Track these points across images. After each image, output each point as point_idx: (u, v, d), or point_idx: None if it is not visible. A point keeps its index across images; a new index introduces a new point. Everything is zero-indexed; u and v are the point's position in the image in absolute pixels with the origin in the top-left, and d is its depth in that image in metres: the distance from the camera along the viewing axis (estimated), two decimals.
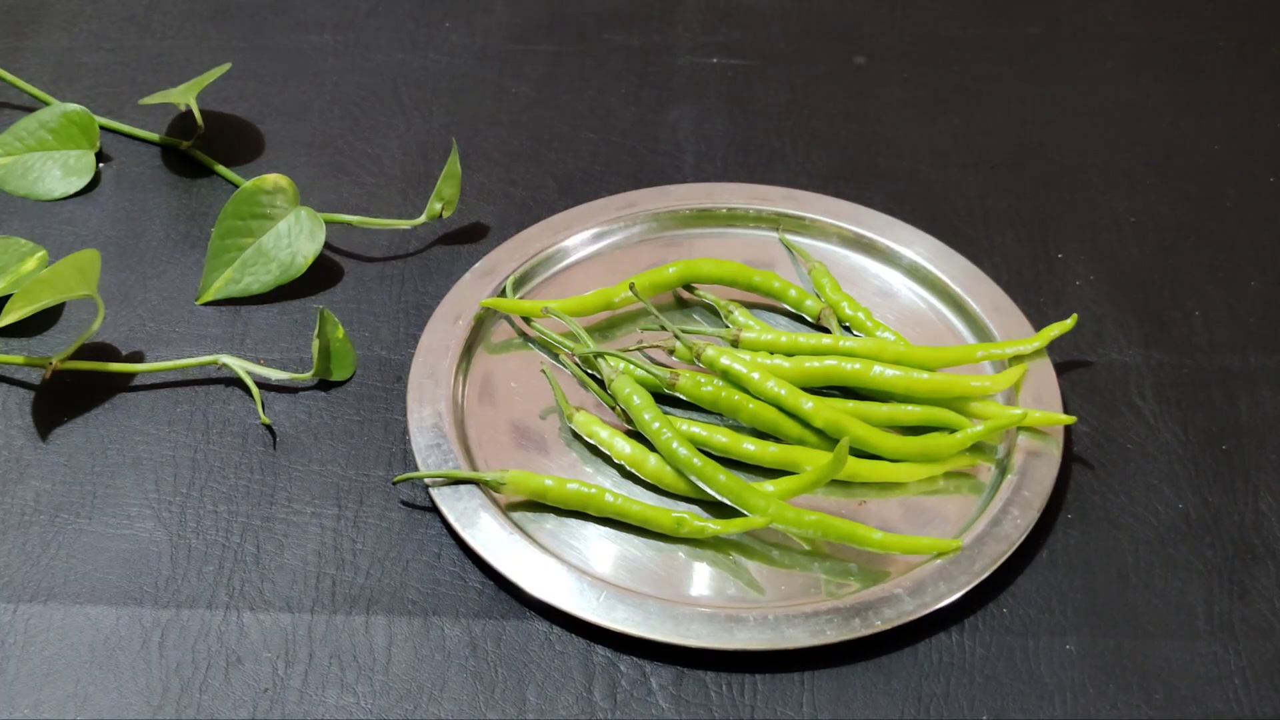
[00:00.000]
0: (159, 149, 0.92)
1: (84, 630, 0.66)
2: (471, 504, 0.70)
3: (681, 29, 1.00)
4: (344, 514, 0.71)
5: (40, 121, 0.89)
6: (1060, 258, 0.84)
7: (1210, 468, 0.73)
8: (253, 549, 0.69)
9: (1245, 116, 0.94)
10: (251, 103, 0.95)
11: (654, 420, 0.71)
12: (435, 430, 0.73)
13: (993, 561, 0.67)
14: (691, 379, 0.73)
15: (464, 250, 0.84)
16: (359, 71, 0.97)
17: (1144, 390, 0.76)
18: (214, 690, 0.64)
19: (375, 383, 0.77)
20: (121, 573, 0.68)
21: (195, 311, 0.81)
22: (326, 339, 0.76)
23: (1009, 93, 0.96)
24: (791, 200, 0.85)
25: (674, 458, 0.70)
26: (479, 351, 0.78)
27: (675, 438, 0.70)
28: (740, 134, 0.92)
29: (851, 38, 1.00)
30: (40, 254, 0.81)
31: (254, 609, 0.67)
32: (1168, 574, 0.68)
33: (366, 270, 0.83)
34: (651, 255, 0.83)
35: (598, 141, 0.92)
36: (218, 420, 0.75)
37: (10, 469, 0.73)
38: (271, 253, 0.82)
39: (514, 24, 1.01)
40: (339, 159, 0.91)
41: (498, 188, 0.89)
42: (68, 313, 0.81)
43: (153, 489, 0.72)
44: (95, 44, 0.99)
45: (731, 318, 0.78)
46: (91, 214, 0.87)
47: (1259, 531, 0.70)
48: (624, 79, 0.96)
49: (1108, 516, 0.71)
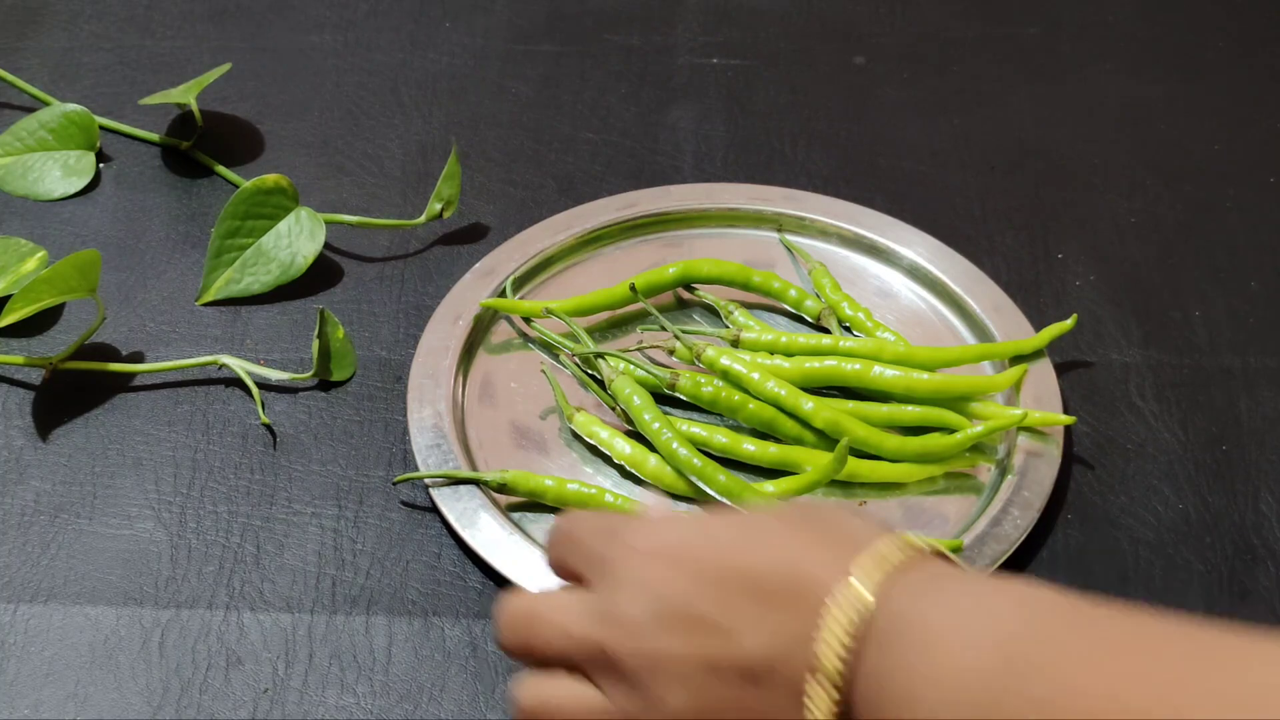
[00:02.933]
0: (159, 149, 0.92)
1: (84, 630, 0.66)
2: (471, 504, 0.69)
3: (681, 29, 1.00)
4: (344, 514, 0.71)
5: (40, 121, 0.89)
6: (1060, 258, 0.84)
7: (1210, 468, 0.73)
8: (253, 549, 0.69)
9: (1245, 116, 0.94)
10: (251, 103, 0.95)
11: (654, 420, 0.71)
12: (435, 430, 0.73)
13: (993, 562, 0.67)
14: (691, 379, 0.73)
15: (464, 250, 0.84)
16: (359, 71, 0.97)
17: (1144, 390, 0.76)
18: (214, 690, 0.64)
19: (375, 383, 0.77)
20: (121, 573, 0.68)
21: (195, 311, 0.81)
22: (326, 339, 0.76)
23: (1009, 93, 0.95)
24: (792, 200, 0.85)
25: (674, 458, 0.70)
26: (479, 352, 0.78)
27: (675, 438, 0.70)
28: (740, 134, 0.92)
29: (851, 38, 1.00)
30: (40, 254, 0.81)
31: (254, 609, 0.67)
32: (1168, 574, 0.68)
33: (366, 270, 0.83)
34: (651, 255, 0.83)
35: (598, 141, 0.92)
36: (218, 420, 0.75)
37: (10, 469, 0.73)
38: (271, 253, 0.82)
39: (514, 24, 1.01)
40: (339, 159, 0.91)
41: (498, 188, 0.89)
42: (68, 313, 0.81)
43: (153, 489, 0.72)
44: (95, 44, 0.99)
45: (731, 318, 0.78)
46: (91, 214, 0.87)
47: (1259, 532, 0.70)
48: (624, 79, 0.96)
49: (1108, 516, 0.71)
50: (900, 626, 0.46)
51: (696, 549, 0.50)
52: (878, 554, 0.48)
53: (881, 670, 0.46)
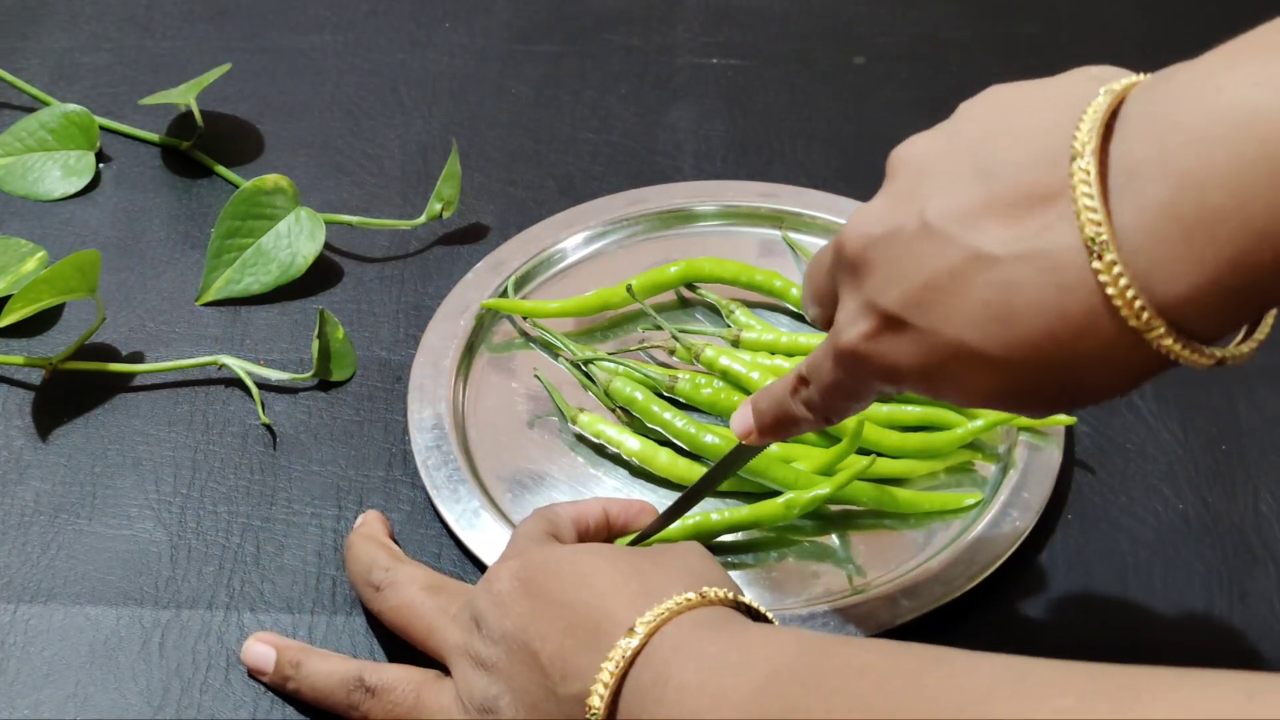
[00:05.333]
0: (159, 149, 0.92)
1: (84, 630, 0.66)
2: (471, 504, 0.69)
3: (681, 29, 1.00)
4: (344, 514, 0.71)
5: (40, 122, 0.89)
6: None
7: (1210, 468, 0.73)
8: (253, 549, 0.69)
9: None
10: (251, 103, 0.95)
11: (664, 411, 0.71)
12: (435, 430, 0.73)
13: (993, 562, 0.67)
14: (691, 381, 0.73)
15: (464, 250, 0.84)
16: (359, 71, 0.97)
17: (1144, 390, 0.76)
18: (214, 690, 0.64)
19: (375, 383, 0.77)
20: (121, 573, 0.68)
21: (195, 312, 0.81)
22: (326, 339, 0.76)
23: None
24: (795, 198, 0.85)
25: (696, 443, 0.70)
26: (480, 351, 0.78)
27: (691, 423, 0.70)
28: (740, 134, 0.92)
29: (851, 38, 1.00)
30: (40, 254, 0.81)
31: (254, 609, 0.67)
32: (1168, 574, 0.68)
33: (366, 270, 0.83)
34: (653, 254, 0.83)
35: (598, 141, 0.92)
36: (218, 420, 0.75)
37: (10, 469, 0.73)
38: (271, 253, 0.82)
39: (514, 24, 1.01)
40: (339, 159, 0.91)
41: (498, 188, 0.89)
42: (68, 313, 0.81)
43: (153, 489, 0.72)
44: (95, 44, 0.99)
45: (733, 317, 0.78)
46: (91, 214, 0.87)
47: (1259, 532, 0.70)
48: (624, 79, 0.96)
49: (1108, 517, 0.71)
50: (661, 680, 0.51)
51: (538, 580, 0.56)
52: (668, 604, 0.53)
53: (636, 713, 0.51)
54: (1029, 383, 0.48)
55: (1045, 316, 0.46)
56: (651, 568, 0.56)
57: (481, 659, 0.56)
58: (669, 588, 0.54)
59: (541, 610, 0.55)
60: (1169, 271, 0.44)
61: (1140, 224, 0.44)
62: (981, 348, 0.48)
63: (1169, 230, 0.44)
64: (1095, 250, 0.45)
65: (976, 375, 0.49)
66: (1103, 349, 0.46)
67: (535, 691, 0.54)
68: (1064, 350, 0.46)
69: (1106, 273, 0.45)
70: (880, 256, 0.50)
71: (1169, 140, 0.44)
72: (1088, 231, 0.45)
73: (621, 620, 0.53)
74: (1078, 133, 0.46)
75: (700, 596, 0.53)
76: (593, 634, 0.53)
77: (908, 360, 0.50)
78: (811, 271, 0.57)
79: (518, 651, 0.55)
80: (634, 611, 0.53)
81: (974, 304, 0.47)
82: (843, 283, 0.53)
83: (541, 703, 0.54)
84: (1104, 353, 0.46)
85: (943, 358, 0.49)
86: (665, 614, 0.52)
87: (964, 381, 0.49)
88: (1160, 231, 0.44)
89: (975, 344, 0.48)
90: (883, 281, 0.50)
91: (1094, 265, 0.45)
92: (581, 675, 0.53)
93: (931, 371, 0.50)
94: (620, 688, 0.52)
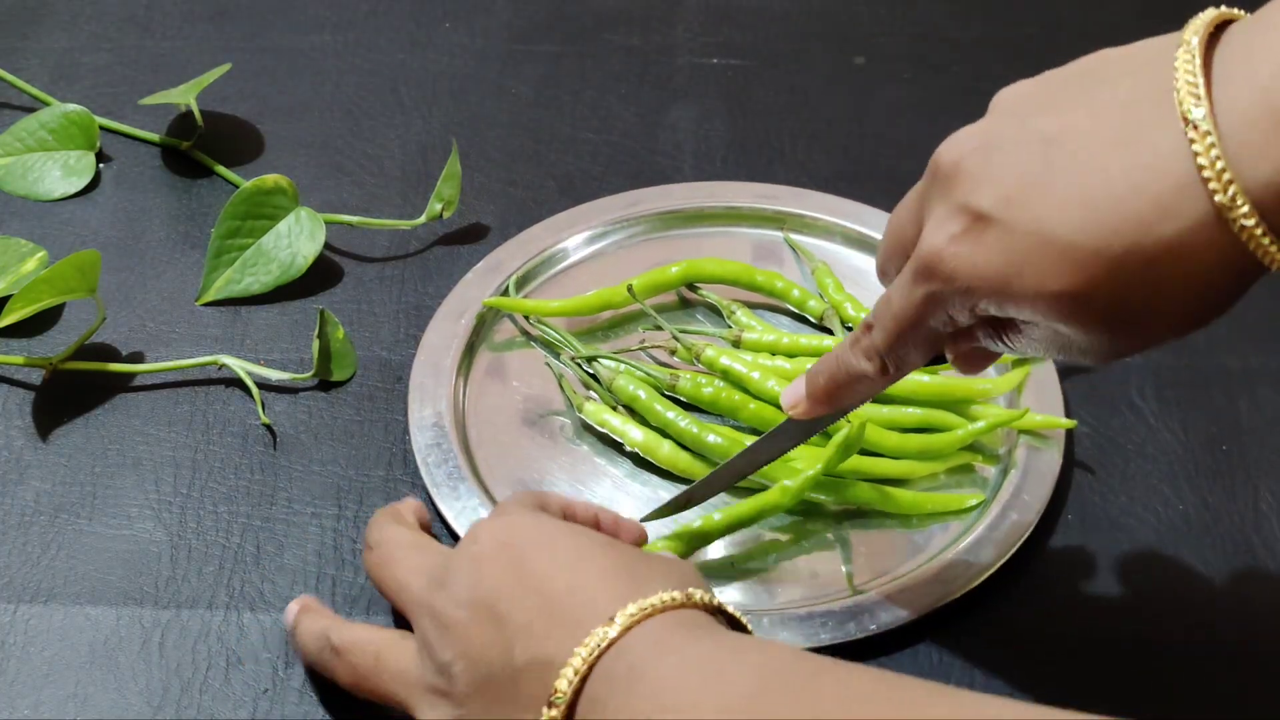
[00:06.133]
0: (159, 149, 0.92)
1: (84, 630, 0.66)
2: (471, 504, 0.69)
3: (681, 29, 1.00)
4: (344, 514, 0.71)
5: (40, 122, 0.89)
6: None
7: (1210, 468, 0.73)
8: (253, 549, 0.69)
9: None
10: (251, 103, 0.95)
11: (666, 409, 0.71)
12: (436, 430, 0.73)
13: (993, 563, 0.67)
14: (692, 380, 0.73)
15: (464, 250, 0.84)
16: (359, 71, 0.97)
17: (1144, 390, 0.76)
18: (214, 690, 0.64)
19: (375, 383, 0.77)
20: (121, 573, 0.68)
21: (195, 312, 0.81)
22: (327, 339, 0.76)
23: None
24: (796, 199, 0.85)
25: (698, 442, 0.70)
26: (481, 351, 0.78)
27: (694, 422, 0.71)
28: (740, 134, 0.92)
29: (851, 38, 1.00)
30: (40, 254, 0.81)
31: (254, 609, 0.67)
32: (1168, 574, 0.68)
33: (366, 270, 0.83)
34: (654, 254, 0.83)
35: (598, 141, 0.92)
36: (218, 420, 0.75)
37: (10, 469, 0.73)
38: (271, 253, 0.82)
39: (514, 24, 1.01)
40: (339, 159, 0.91)
41: (498, 188, 0.89)
42: (68, 313, 0.81)
43: (153, 489, 0.72)
44: (95, 44, 0.99)
45: (734, 318, 0.78)
46: (91, 214, 0.87)
47: (1259, 531, 0.70)
48: (624, 79, 0.96)
49: (1108, 517, 0.71)
50: (636, 673, 0.50)
51: (523, 547, 0.56)
52: (652, 600, 0.53)
53: (603, 705, 0.51)
54: (1107, 283, 0.49)
55: (1132, 199, 0.48)
56: (641, 564, 0.56)
57: (443, 618, 0.55)
58: (655, 585, 0.54)
59: (519, 580, 0.55)
60: (1257, 154, 0.46)
61: (1235, 108, 0.47)
62: (1067, 237, 0.49)
63: (1260, 116, 0.46)
64: (1192, 122, 0.47)
65: (1057, 274, 0.49)
66: (1184, 234, 0.48)
67: (493, 662, 0.53)
68: (1148, 234, 0.48)
69: (1200, 142, 0.47)
70: (975, 164, 0.52)
71: (1270, 36, 0.47)
72: (1185, 106, 0.47)
73: (603, 609, 0.52)
74: (1185, 30, 0.49)
75: (685, 597, 0.54)
76: (569, 617, 0.53)
77: (987, 262, 0.51)
78: (894, 216, 0.58)
79: (483, 616, 0.54)
80: (617, 603, 0.53)
81: (1063, 193, 0.49)
82: (932, 199, 0.54)
83: (497, 674, 0.53)
84: (1185, 240, 0.48)
85: (1025, 257, 0.50)
86: (649, 609, 0.52)
87: (1044, 284, 0.50)
88: (1252, 116, 0.47)
89: (1061, 234, 0.49)
90: (975, 184, 0.52)
91: (1189, 135, 0.47)
92: (547, 655, 0.52)
93: (1011, 275, 0.50)
94: (588, 674, 0.51)
